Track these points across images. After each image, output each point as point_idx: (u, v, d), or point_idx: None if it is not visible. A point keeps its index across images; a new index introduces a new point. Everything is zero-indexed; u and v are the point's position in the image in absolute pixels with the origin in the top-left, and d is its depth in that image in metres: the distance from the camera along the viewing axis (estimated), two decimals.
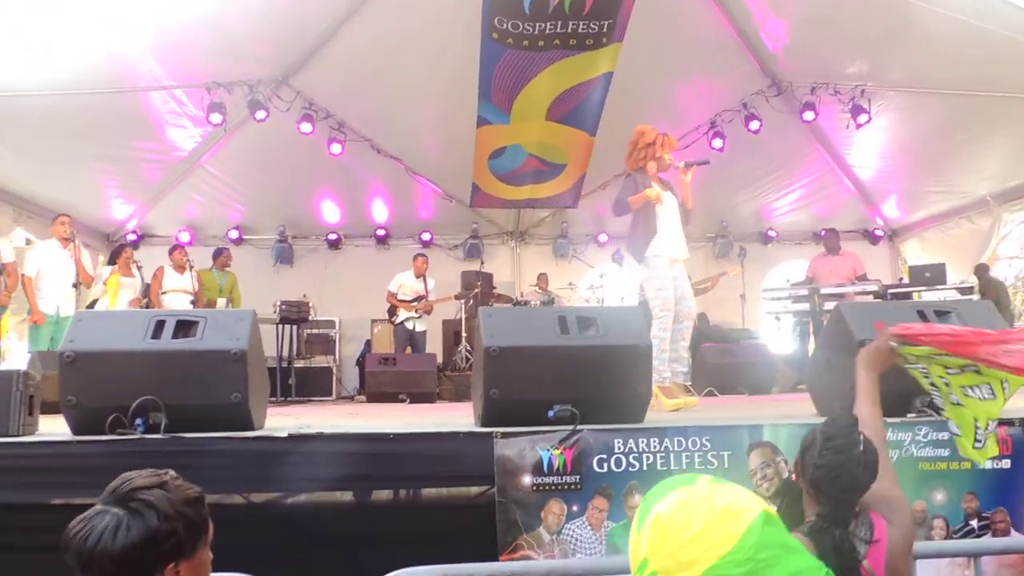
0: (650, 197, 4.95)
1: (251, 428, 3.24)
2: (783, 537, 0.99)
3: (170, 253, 8.34)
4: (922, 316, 3.62)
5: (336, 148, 8.78)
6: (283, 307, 8.51)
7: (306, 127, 8.42)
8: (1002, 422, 3.49)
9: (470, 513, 3.19)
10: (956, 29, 6.77)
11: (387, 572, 2.17)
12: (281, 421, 3.84)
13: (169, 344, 3.20)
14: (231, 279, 9.00)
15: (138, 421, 3.09)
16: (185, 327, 3.26)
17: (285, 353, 8.90)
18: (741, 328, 10.27)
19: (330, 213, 10.49)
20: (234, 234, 10.37)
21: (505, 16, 7.01)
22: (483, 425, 3.33)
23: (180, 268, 8.18)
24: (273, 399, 8.04)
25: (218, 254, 9.06)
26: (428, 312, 9.37)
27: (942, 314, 3.65)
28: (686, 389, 4.98)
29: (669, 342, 4.95)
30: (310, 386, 9.19)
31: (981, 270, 9.56)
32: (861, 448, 1.89)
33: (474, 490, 3.20)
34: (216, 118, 7.76)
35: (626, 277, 10.46)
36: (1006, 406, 3.73)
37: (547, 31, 7.15)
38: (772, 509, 1.03)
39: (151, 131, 8.23)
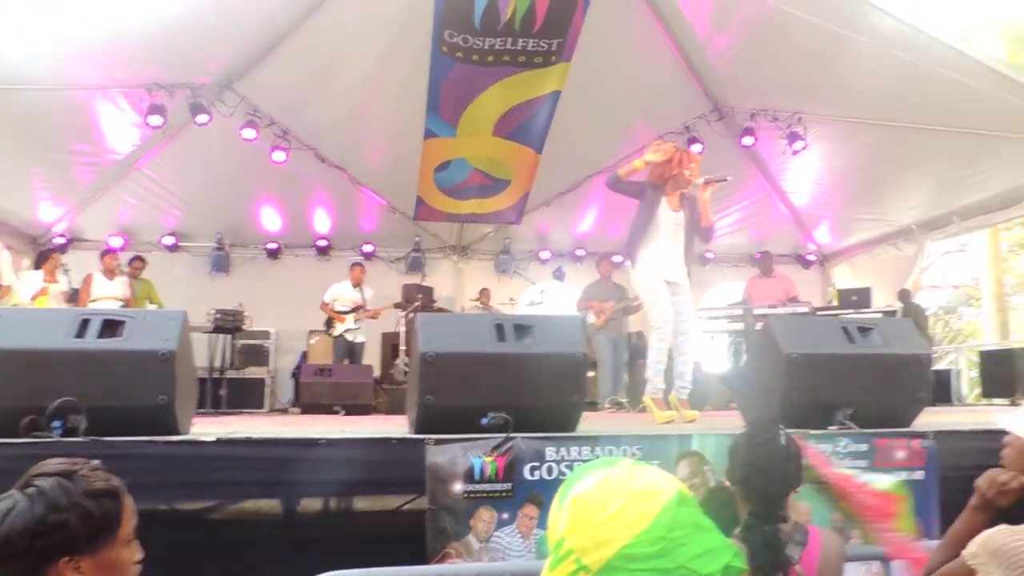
0: (636, 166, 4.93)
1: (176, 433, 3.15)
2: (696, 517, 1.01)
3: (101, 258, 8.09)
4: (846, 333, 3.75)
5: (280, 156, 8.66)
6: (217, 315, 8.32)
7: (249, 133, 8.29)
8: (916, 435, 3.63)
9: (399, 520, 3.16)
10: (887, 62, 7.07)
11: None
12: (209, 429, 3.75)
13: (93, 344, 3.10)
14: (146, 287, 8.73)
15: (56, 423, 2.97)
16: (112, 327, 3.16)
17: (217, 363, 8.70)
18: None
19: (270, 222, 10.32)
20: (169, 240, 10.11)
21: (455, 30, 7.05)
22: (417, 432, 3.30)
23: (111, 273, 7.94)
24: (203, 410, 7.86)
25: (131, 261, 8.78)
26: (374, 318, 9.27)
27: (865, 331, 3.78)
28: (685, 403, 4.87)
29: (667, 355, 4.89)
30: (242, 398, 8.97)
31: (904, 295, 9.95)
32: (783, 442, 1.96)
33: (404, 497, 3.17)
34: (156, 120, 7.59)
35: (565, 294, 10.58)
36: (919, 420, 3.90)
37: (496, 47, 7.21)
38: (688, 490, 1.05)
39: (86, 131, 8.00)
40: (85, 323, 3.15)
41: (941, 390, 8.86)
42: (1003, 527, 1.60)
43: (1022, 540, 1.55)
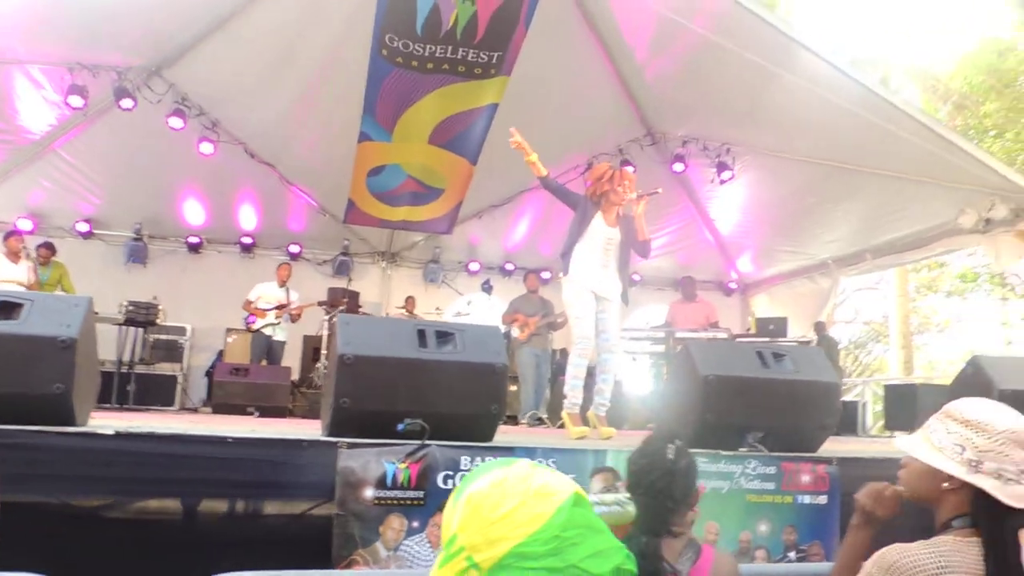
0: (534, 161, 5.00)
1: (73, 424, 2.99)
2: (590, 518, 1.02)
3: (4, 239, 7.67)
4: (761, 357, 3.85)
5: (207, 148, 8.40)
6: (129, 307, 7.99)
7: (176, 122, 8.02)
8: (820, 460, 3.75)
9: (306, 525, 3.07)
10: (814, 101, 7.33)
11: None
12: (111, 423, 3.58)
13: None
14: (57, 271, 8.27)
15: None
16: (7, 309, 2.99)
17: (127, 357, 8.35)
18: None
19: (193, 215, 9.98)
20: (83, 227, 9.66)
21: (396, 34, 6.99)
22: (330, 435, 3.23)
23: (14, 256, 7.53)
24: (107, 404, 7.53)
25: (39, 247, 8.32)
26: (295, 319, 9.06)
27: (778, 356, 3.89)
28: (602, 420, 4.87)
29: (585, 370, 4.89)
30: (151, 394, 8.62)
31: (819, 327, 10.32)
32: (671, 456, 1.98)
33: (312, 501, 3.08)
34: (76, 101, 7.27)
35: (491, 307, 10.57)
36: (824, 447, 4.03)
37: (437, 54, 7.18)
38: (583, 492, 1.05)
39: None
40: None
41: (847, 421, 9.20)
42: (895, 545, 1.65)
43: (912, 556, 1.60)
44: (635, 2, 7.26)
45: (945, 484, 1.69)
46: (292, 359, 9.25)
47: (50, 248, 8.34)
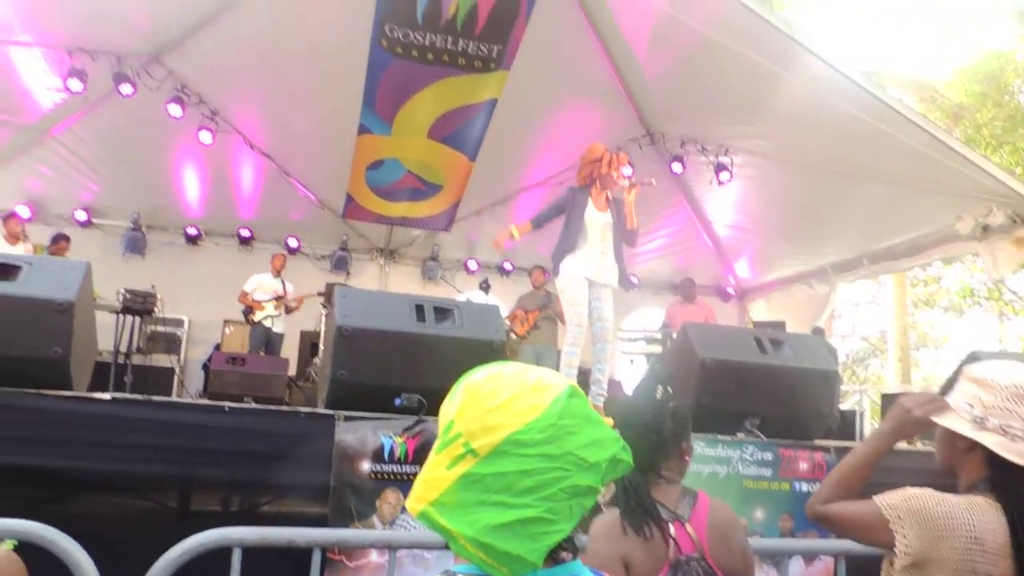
0: (509, 235, 5.06)
1: (69, 388, 2.98)
2: (587, 409, 1.03)
3: (3, 221, 7.65)
4: (759, 343, 3.85)
5: (206, 137, 8.37)
6: (127, 295, 7.95)
7: (175, 110, 7.99)
8: (817, 448, 3.75)
9: (302, 495, 3.05)
10: (813, 103, 7.34)
11: None
12: None
13: None
14: None
15: None
16: (5, 270, 2.97)
17: (124, 348, 8.31)
18: None
19: (191, 205, 9.94)
20: (81, 215, 9.62)
21: (396, 24, 7.01)
22: (327, 407, 3.22)
23: (13, 238, 7.52)
24: (116, 395, 7.48)
25: (57, 239, 8.35)
26: (291, 311, 9.04)
27: (777, 343, 3.89)
28: (599, 411, 4.88)
29: (578, 358, 4.87)
30: (148, 385, 8.49)
31: (818, 332, 10.31)
32: (659, 396, 1.99)
33: (309, 472, 3.06)
34: (76, 85, 7.24)
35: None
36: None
37: (437, 44, 7.19)
38: (577, 386, 1.06)
39: None
40: None
41: (846, 429, 9.17)
42: (929, 490, 1.60)
43: (947, 507, 1.56)
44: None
45: (960, 444, 1.66)
46: (289, 353, 9.22)
47: (68, 241, 8.35)
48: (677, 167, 9.26)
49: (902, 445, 1.85)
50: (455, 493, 0.97)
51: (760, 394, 3.68)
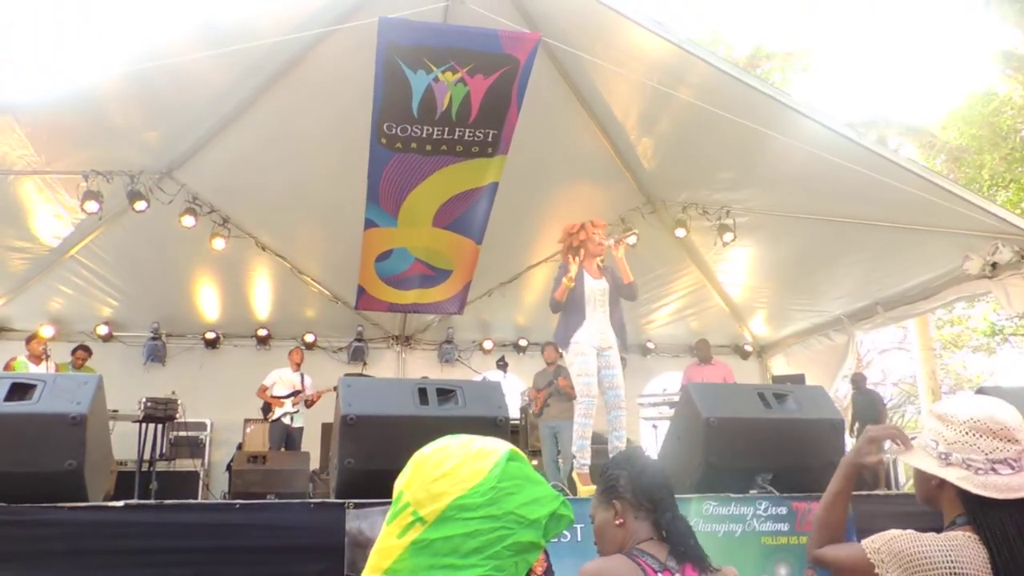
0: (565, 284, 5.02)
1: (84, 499, 3.05)
2: (526, 471, 1.09)
3: (27, 342, 7.88)
4: (762, 398, 3.86)
5: (219, 243, 8.66)
6: (148, 404, 8.08)
7: (188, 221, 8.29)
8: None
9: None
10: (808, 160, 7.39)
11: None
12: None
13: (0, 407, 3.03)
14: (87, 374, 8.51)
15: None
16: (21, 390, 3.09)
17: (148, 455, 8.39)
18: None
19: (209, 311, 10.21)
20: (103, 330, 9.90)
21: (394, 121, 7.26)
22: (338, 496, 3.26)
23: (36, 359, 7.73)
24: (130, 501, 7.53)
25: (75, 351, 8.62)
26: (310, 405, 9.12)
27: (780, 397, 3.90)
28: None
29: (591, 429, 4.88)
30: (174, 491, 8.59)
31: (858, 380, 10.29)
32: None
33: (322, 563, 3.08)
34: (92, 207, 7.53)
35: (509, 384, 10.58)
36: None
37: (434, 135, 7.43)
38: (519, 450, 1.11)
39: (18, 218, 7.91)
40: None
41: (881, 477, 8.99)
42: (908, 532, 1.63)
43: (924, 548, 1.58)
44: (621, 76, 7.53)
45: (933, 482, 1.70)
46: (311, 446, 9.25)
47: (87, 352, 8.58)
48: (680, 232, 9.37)
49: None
50: (407, 559, 1.03)
51: (768, 449, 3.68)
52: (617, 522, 1.95)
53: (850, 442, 9.68)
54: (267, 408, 9.05)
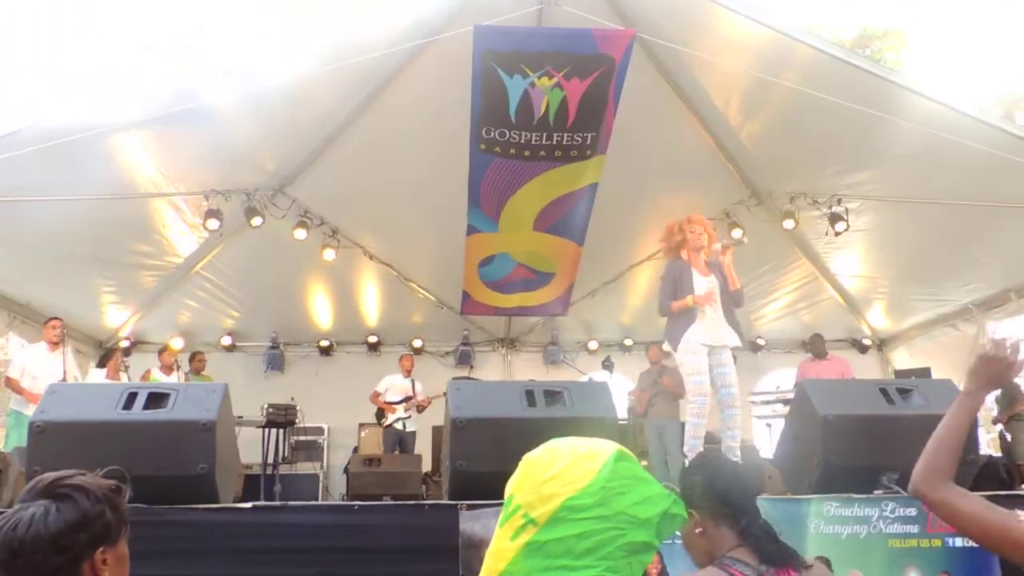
0: (688, 304, 4.97)
1: (216, 501, 3.24)
2: (635, 470, 1.07)
3: (159, 354, 8.44)
4: (885, 394, 3.68)
5: (329, 254, 9.01)
6: (270, 410, 8.48)
7: (300, 234, 8.67)
8: None
9: None
10: (925, 140, 6.99)
11: None
12: None
13: (139, 415, 3.26)
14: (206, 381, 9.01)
15: None
16: (157, 399, 3.31)
17: (271, 459, 8.81)
18: None
19: (322, 319, 10.64)
20: (226, 341, 10.47)
21: (492, 126, 7.34)
22: (450, 498, 3.32)
23: (168, 369, 8.26)
24: (257, 503, 7.93)
25: (192, 357, 9.19)
26: (422, 410, 9.35)
27: (904, 392, 3.70)
28: None
29: (704, 429, 4.81)
30: (296, 492, 9.00)
31: None
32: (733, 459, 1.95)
33: (438, 564, 3.15)
34: (213, 224, 8.00)
35: (615, 384, 10.50)
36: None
37: (532, 141, 7.46)
38: (626, 450, 1.10)
39: (149, 237, 8.49)
40: (132, 396, 3.31)
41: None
42: None
43: None
44: (720, 67, 7.35)
45: None
46: (423, 449, 9.47)
47: (201, 355, 9.24)
48: (788, 223, 9.04)
49: None
50: (520, 562, 1.03)
51: (893, 446, 3.48)
52: (697, 531, 1.88)
53: (991, 433, 9.09)
54: (381, 413, 9.33)
